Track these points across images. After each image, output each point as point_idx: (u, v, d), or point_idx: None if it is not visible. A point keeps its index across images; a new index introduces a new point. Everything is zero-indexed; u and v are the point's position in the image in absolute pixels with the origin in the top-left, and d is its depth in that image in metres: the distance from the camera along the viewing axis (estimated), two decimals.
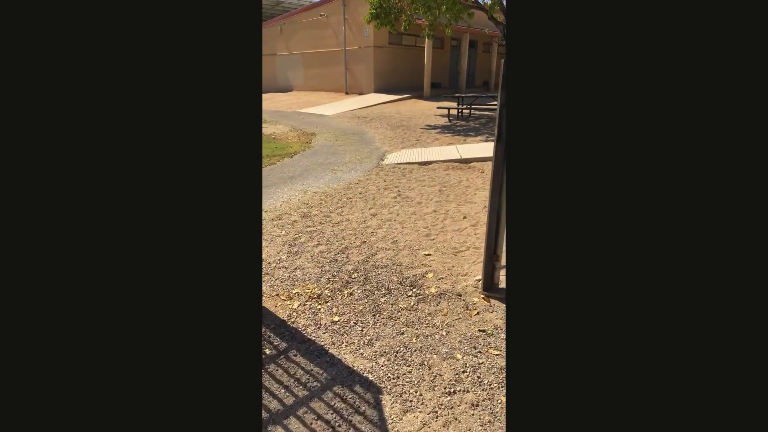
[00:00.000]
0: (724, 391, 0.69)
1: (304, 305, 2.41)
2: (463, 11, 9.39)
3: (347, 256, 3.00)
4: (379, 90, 15.68)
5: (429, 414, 1.65)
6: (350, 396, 1.74)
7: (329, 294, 2.53)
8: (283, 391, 1.76)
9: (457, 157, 5.98)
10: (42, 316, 0.72)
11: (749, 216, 0.68)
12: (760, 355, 0.67)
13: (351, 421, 1.61)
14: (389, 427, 1.59)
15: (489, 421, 1.61)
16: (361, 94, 15.82)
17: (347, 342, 2.09)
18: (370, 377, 1.84)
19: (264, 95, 18.42)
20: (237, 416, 0.80)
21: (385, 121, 10.08)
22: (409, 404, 1.70)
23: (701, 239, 0.71)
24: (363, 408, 1.68)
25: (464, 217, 3.76)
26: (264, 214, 3.85)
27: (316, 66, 17.88)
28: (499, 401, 1.70)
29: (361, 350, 2.03)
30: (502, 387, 1.77)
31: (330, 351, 2.02)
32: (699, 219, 0.71)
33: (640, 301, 0.74)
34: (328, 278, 2.71)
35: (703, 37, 0.70)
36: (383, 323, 2.24)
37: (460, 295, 2.48)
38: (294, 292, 2.56)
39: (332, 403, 1.70)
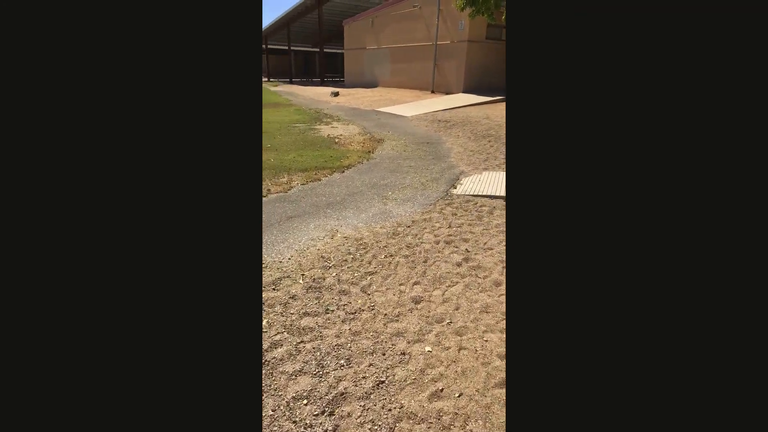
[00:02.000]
0: (723, 391, 0.69)
1: None
2: None
3: (336, 426, 1.52)
4: (468, 90, 13.83)
5: None
6: None
7: None
8: None
9: None
10: (42, 315, 0.72)
11: (749, 216, 0.69)
12: (759, 355, 0.68)
13: None
14: None
15: None
16: (448, 93, 14.12)
17: None
18: None
19: (349, 90, 17.65)
20: (237, 416, 0.79)
21: (468, 129, 8.36)
22: None
23: (700, 239, 0.71)
24: None
25: None
26: (263, 272, 2.58)
27: (404, 61, 16.55)
28: None
29: None
30: None
31: None
32: (698, 219, 0.71)
33: (640, 301, 0.74)
34: None
35: (701, 38, 0.70)
36: None
37: None
38: None
39: None
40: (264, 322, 2.10)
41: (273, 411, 1.56)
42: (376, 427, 1.51)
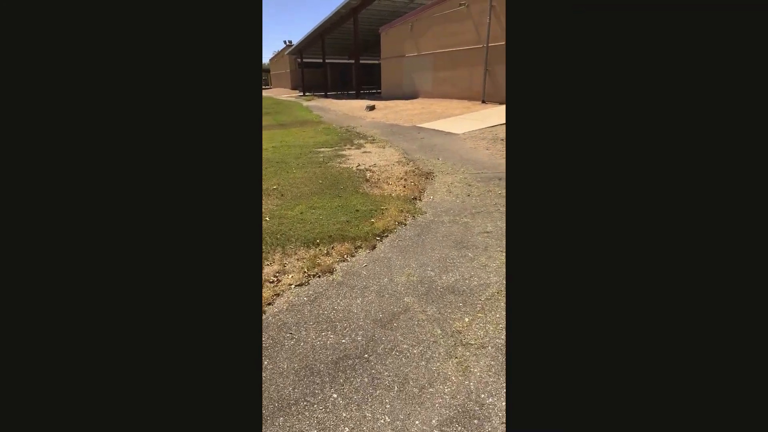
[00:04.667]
0: (723, 390, 0.68)
1: None
2: None
3: None
4: None
5: None
6: None
7: None
8: None
9: None
10: (43, 317, 0.71)
11: (748, 216, 0.68)
12: (759, 354, 0.67)
13: None
14: None
15: None
16: (502, 103, 11.75)
17: None
18: None
19: (386, 103, 15.68)
20: (237, 416, 0.78)
21: None
22: None
23: (700, 240, 0.70)
24: None
25: None
26: None
27: (448, 68, 14.36)
28: None
29: None
30: None
31: None
32: (697, 220, 0.71)
33: (639, 301, 0.73)
34: None
35: (701, 38, 0.69)
36: None
37: None
38: None
39: None
40: None
41: None
42: None
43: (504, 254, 2.80)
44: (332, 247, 2.93)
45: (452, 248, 2.92)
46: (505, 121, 8.87)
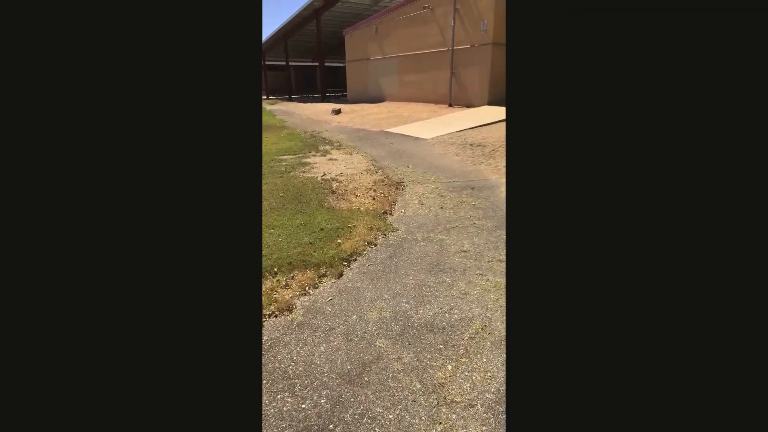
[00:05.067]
0: (723, 390, 0.68)
1: None
2: None
3: None
4: (494, 101, 11.40)
5: None
6: None
7: None
8: None
9: None
10: (42, 316, 0.71)
11: (748, 216, 0.68)
12: (759, 355, 0.67)
13: None
14: None
15: None
16: (469, 106, 11.71)
17: None
18: None
19: (352, 107, 15.33)
20: (237, 416, 0.78)
21: None
22: None
23: (699, 240, 0.71)
24: None
25: None
26: None
27: (415, 71, 14.20)
28: None
29: None
30: None
31: None
32: (697, 221, 0.71)
33: (639, 301, 0.73)
34: None
35: (701, 40, 0.69)
36: None
37: None
38: None
39: None
40: None
41: None
42: None
43: (484, 278, 2.53)
44: (292, 277, 2.56)
45: (428, 272, 2.63)
46: (472, 126, 8.76)
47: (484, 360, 1.80)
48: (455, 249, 2.97)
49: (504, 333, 1.98)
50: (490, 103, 11.33)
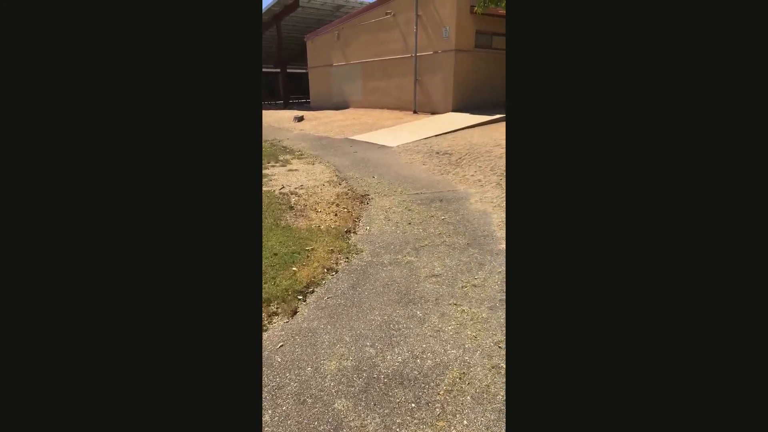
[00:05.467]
0: (722, 389, 0.68)
1: None
2: None
3: None
4: (459, 108, 11.36)
5: None
6: None
7: None
8: None
9: None
10: (42, 315, 0.71)
11: (748, 216, 0.68)
12: (759, 355, 0.67)
13: None
14: None
15: None
16: (434, 113, 11.61)
17: None
18: None
19: (315, 114, 14.88)
20: (237, 416, 0.77)
21: (484, 164, 5.74)
22: None
23: (699, 241, 0.70)
24: None
25: None
26: None
27: (378, 77, 13.99)
28: None
29: None
30: None
31: None
32: (696, 221, 0.70)
33: (639, 301, 0.73)
34: None
35: (700, 42, 0.69)
36: None
37: None
38: None
39: None
40: None
41: None
42: None
43: (459, 309, 2.23)
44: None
45: (396, 304, 2.30)
46: (438, 133, 8.60)
47: (465, 422, 1.49)
48: (426, 273, 2.67)
49: (486, 383, 1.68)
50: (455, 110, 11.27)
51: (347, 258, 2.92)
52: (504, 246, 3.05)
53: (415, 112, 12.32)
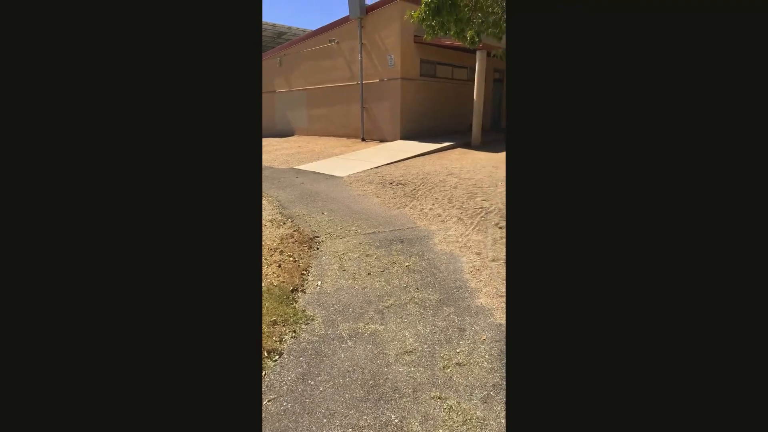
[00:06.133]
0: (722, 388, 0.69)
1: None
2: None
3: None
4: (407, 136, 11.21)
5: None
6: None
7: None
8: None
9: None
10: (42, 315, 0.71)
11: (748, 216, 0.68)
12: (759, 355, 0.67)
13: None
14: None
15: None
16: (383, 141, 11.36)
17: None
18: None
19: None
20: (237, 416, 0.77)
21: (440, 194, 5.41)
22: None
23: (699, 241, 0.71)
24: None
25: None
26: None
27: (325, 104, 13.57)
28: None
29: None
30: None
31: None
32: (696, 222, 0.71)
33: (639, 301, 0.73)
34: None
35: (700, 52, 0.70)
36: None
37: None
38: None
39: None
40: None
41: None
42: None
43: (445, 406, 1.69)
44: None
45: (361, 403, 1.71)
46: (388, 161, 8.25)
47: None
48: (396, 349, 2.11)
49: None
50: (403, 138, 11.10)
51: (294, 331, 2.28)
52: (483, 301, 2.59)
53: (363, 139, 11.99)
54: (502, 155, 8.77)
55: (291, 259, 3.38)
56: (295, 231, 4.18)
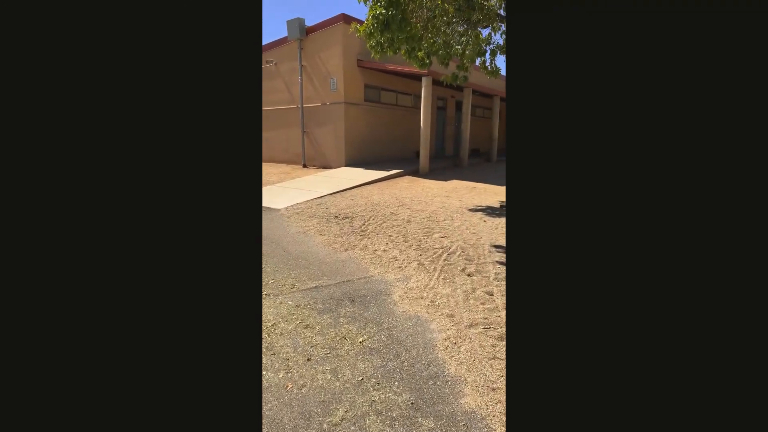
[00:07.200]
0: (721, 388, 0.68)
1: None
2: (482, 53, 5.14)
3: None
4: (352, 163, 10.51)
5: None
6: None
7: None
8: None
9: None
10: (42, 314, 0.70)
11: (748, 216, 0.67)
12: (759, 355, 0.66)
13: None
14: None
15: None
16: (326, 167, 10.55)
17: None
18: None
19: None
20: (237, 416, 0.76)
21: (394, 229, 4.69)
22: None
23: (699, 241, 0.70)
24: None
25: None
26: None
27: (263, 128, 12.49)
28: None
29: None
30: None
31: None
32: (696, 222, 0.70)
33: (639, 301, 0.72)
34: None
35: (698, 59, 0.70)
36: None
37: None
38: None
39: None
40: None
41: None
42: None
43: None
44: None
45: None
46: (333, 191, 7.43)
47: None
48: None
49: None
50: (348, 165, 10.38)
51: None
52: (470, 401, 1.83)
53: (305, 165, 11.09)
54: (453, 183, 8.36)
55: None
56: None
